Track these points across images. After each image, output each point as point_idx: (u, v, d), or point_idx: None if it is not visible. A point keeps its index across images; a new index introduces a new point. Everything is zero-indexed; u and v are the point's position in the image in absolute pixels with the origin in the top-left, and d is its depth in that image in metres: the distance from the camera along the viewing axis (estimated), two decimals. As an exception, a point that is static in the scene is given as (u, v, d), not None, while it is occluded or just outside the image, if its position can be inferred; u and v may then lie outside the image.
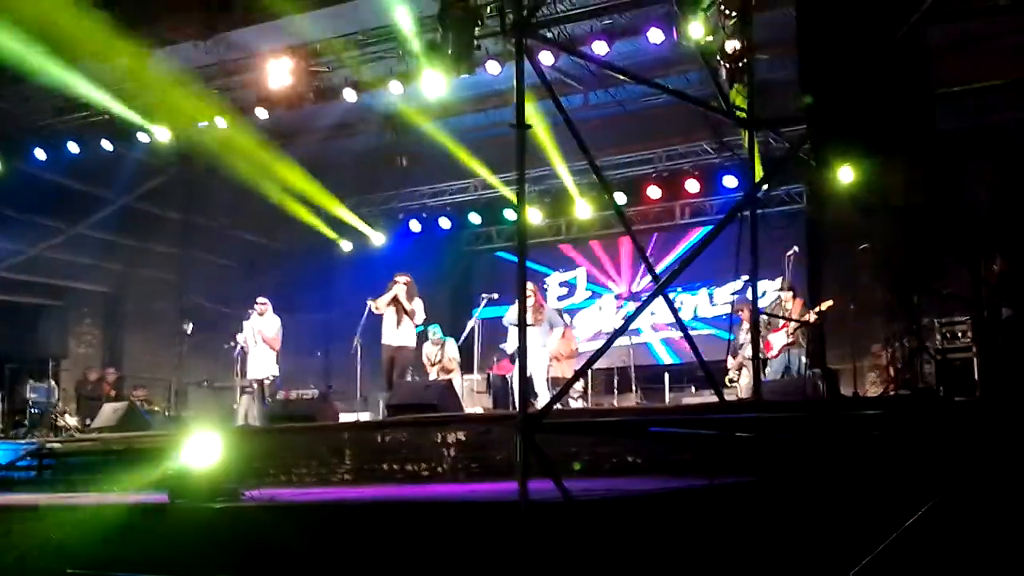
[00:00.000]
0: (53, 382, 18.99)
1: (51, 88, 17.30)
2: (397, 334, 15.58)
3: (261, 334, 16.43)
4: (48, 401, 18.59)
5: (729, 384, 15.28)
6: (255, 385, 16.45)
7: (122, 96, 17.43)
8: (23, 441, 16.63)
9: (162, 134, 17.49)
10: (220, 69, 16.78)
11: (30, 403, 18.40)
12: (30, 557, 8.42)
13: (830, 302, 15.26)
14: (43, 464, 15.39)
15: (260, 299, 16.82)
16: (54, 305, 21.96)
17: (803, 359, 14.86)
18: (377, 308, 15.63)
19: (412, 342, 15.88)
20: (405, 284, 15.67)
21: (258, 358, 16.44)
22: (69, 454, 15.41)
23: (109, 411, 17.10)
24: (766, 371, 14.66)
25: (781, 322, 14.89)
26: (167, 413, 19.08)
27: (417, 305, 15.73)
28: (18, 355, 19.31)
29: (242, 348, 16.69)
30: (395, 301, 15.56)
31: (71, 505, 9.55)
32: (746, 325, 14.83)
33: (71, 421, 18.18)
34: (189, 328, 19.11)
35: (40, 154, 18.26)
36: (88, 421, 17.83)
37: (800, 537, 7.82)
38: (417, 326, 15.87)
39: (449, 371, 16.86)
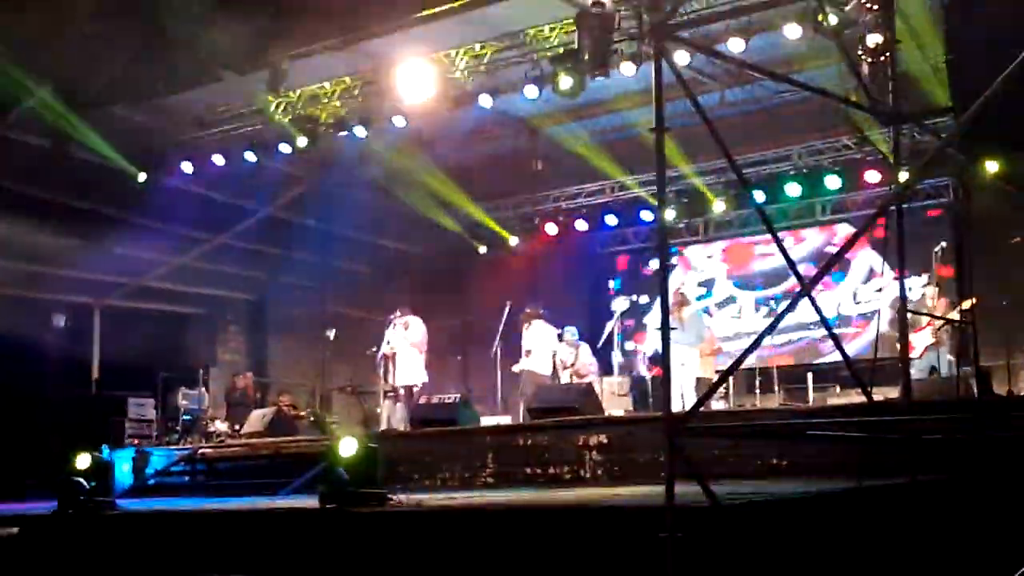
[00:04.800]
0: (203, 389, 19.46)
1: (193, 101, 17.77)
2: None
3: (409, 340, 16.59)
4: (199, 408, 19.07)
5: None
6: (402, 391, 16.60)
7: (263, 107, 17.82)
8: (176, 447, 17.11)
9: (302, 144, 17.76)
10: (358, 79, 17.00)
11: (182, 410, 18.89)
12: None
13: (972, 299, 14.82)
14: (196, 469, 15.81)
15: (401, 308, 17.02)
16: (201, 314, 22.54)
17: (949, 358, 14.44)
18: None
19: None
20: None
21: (406, 364, 16.58)
22: (220, 459, 15.79)
23: (257, 417, 17.47)
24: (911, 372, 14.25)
25: (924, 321, 14.49)
26: (312, 418, 19.40)
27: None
28: (169, 363, 19.85)
29: (384, 355, 16.85)
30: None
31: (224, 510, 9.78)
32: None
33: (221, 427, 18.60)
34: (332, 334, 19.40)
35: (187, 167, 18.72)
36: (237, 427, 18.23)
37: (953, 540, 7.62)
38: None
39: (583, 376, 16.76)
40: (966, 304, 14.64)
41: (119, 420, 18.19)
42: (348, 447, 8.47)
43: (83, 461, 10.36)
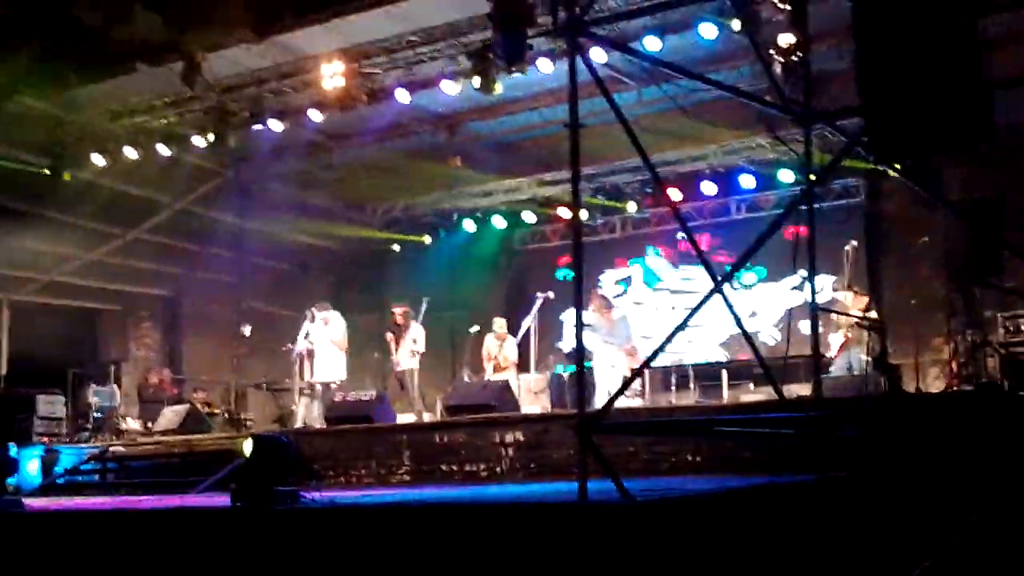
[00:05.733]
0: (115, 386, 19.16)
1: (105, 94, 17.47)
2: None
3: (329, 337, 16.52)
4: (110, 405, 18.77)
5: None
6: (319, 387, 16.52)
7: (177, 100, 17.57)
8: (87, 445, 16.84)
9: (216, 138, 17.54)
10: (274, 72, 16.83)
11: (93, 407, 18.55)
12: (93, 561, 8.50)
13: (865, 297, 15.05)
14: (107, 468, 15.58)
15: (320, 303, 16.94)
16: (114, 310, 22.17)
17: (864, 357, 14.64)
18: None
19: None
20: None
21: (326, 361, 16.49)
22: (132, 457, 15.59)
23: (170, 414, 17.26)
24: (829, 370, 14.45)
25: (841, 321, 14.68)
26: (227, 415, 19.20)
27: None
28: (80, 360, 19.52)
29: (299, 353, 16.73)
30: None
31: (135, 509, 9.63)
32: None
33: (133, 424, 18.34)
34: (247, 331, 19.20)
35: (98, 160, 18.38)
36: (150, 424, 17.99)
37: (862, 535, 7.73)
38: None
39: (502, 368, 16.86)
40: (861, 302, 14.87)
41: (27, 417, 17.83)
42: (255, 445, 8.38)
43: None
